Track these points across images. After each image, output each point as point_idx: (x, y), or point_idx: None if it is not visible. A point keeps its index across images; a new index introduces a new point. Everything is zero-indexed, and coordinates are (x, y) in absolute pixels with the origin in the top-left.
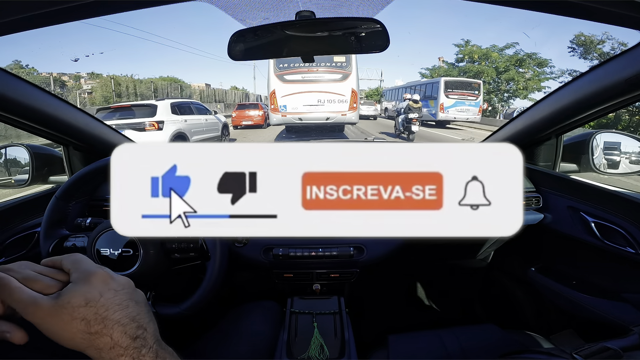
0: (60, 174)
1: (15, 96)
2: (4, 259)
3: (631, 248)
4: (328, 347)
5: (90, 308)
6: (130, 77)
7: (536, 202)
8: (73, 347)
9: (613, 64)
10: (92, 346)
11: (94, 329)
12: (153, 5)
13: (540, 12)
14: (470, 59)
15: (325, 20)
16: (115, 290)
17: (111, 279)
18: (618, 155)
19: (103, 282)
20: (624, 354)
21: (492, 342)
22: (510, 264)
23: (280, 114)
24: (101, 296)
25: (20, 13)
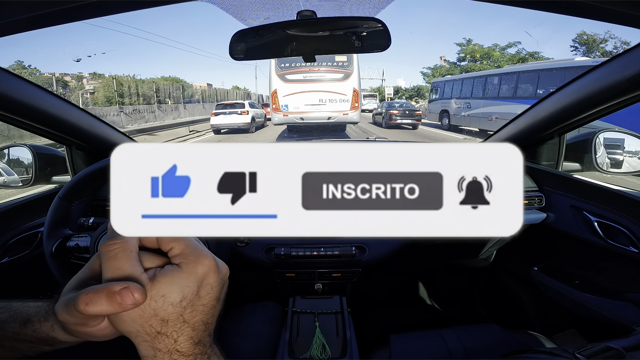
0: (63, 174)
1: (18, 96)
2: (7, 259)
3: (634, 247)
4: (330, 347)
5: (178, 308)
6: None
7: (539, 202)
8: (129, 336)
9: (615, 63)
10: (150, 343)
11: (165, 330)
12: (155, 5)
13: (543, 11)
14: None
15: (327, 20)
16: (212, 286)
17: (214, 273)
18: (621, 154)
19: (205, 276)
20: (627, 354)
21: (495, 341)
22: (513, 264)
23: (282, 114)
24: (196, 294)
25: (22, 14)
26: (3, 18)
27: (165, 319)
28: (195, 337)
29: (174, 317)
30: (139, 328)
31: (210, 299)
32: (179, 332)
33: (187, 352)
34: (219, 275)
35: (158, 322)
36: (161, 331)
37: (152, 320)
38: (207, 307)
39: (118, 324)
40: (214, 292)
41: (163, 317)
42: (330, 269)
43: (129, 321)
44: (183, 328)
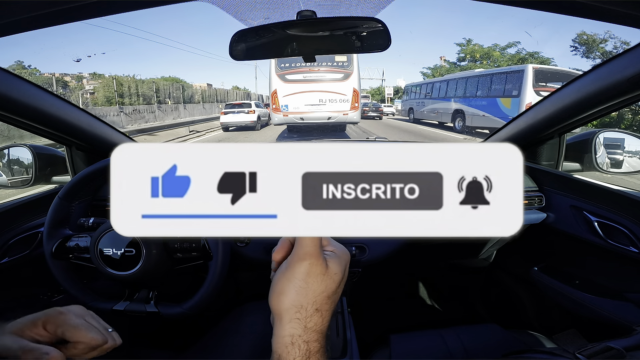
0: (63, 174)
1: (18, 97)
2: (8, 259)
3: (634, 247)
4: (330, 347)
5: (339, 285)
6: (132, 78)
7: (539, 202)
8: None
9: (615, 63)
10: (303, 321)
11: (323, 306)
12: (154, 5)
13: (543, 11)
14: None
15: (327, 20)
16: (346, 272)
17: (348, 262)
18: (621, 154)
19: (347, 261)
20: (627, 354)
21: (495, 341)
22: (513, 264)
23: (282, 114)
24: (343, 274)
25: (22, 14)
26: (3, 18)
27: (329, 296)
28: (328, 320)
29: (334, 295)
30: (306, 303)
31: (343, 283)
32: (328, 311)
33: (323, 333)
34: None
35: (323, 299)
36: (319, 308)
37: (320, 296)
38: (339, 291)
39: (282, 300)
40: (345, 277)
41: (328, 294)
42: None
43: (303, 294)
44: (330, 308)
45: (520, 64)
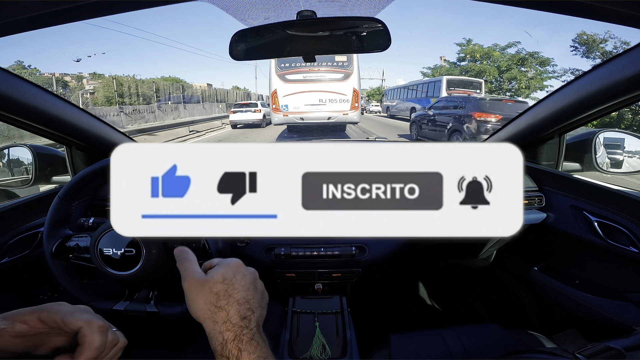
0: (63, 174)
1: (18, 97)
2: (8, 259)
3: (634, 247)
4: (330, 347)
5: (224, 285)
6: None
7: (539, 202)
8: (198, 317)
9: (615, 63)
10: (212, 318)
11: (219, 303)
12: (155, 5)
13: (543, 11)
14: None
15: (327, 20)
16: (244, 274)
17: (242, 266)
18: (621, 154)
19: (237, 267)
20: (627, 354)
21: (495, 341)
22: (513, 264)
23: (282, 114)
24: (234, 277)
25: (22, 14)
26: (3, 18)
27: (218, 294)
28: (241, 311)
29: (222, 292)
30: (202, 304)
31: (246, 282)
32: (229, 305)
33: (236, 324)
34: (246, 269)
35: (213, 296)
36: (217, 304)
37: (210, 295)
38: (244, 288)
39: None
40: (247, 278)
41: (216, 292)
42: (330, 269)
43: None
44: (231, 302)
45: (520, 64)
